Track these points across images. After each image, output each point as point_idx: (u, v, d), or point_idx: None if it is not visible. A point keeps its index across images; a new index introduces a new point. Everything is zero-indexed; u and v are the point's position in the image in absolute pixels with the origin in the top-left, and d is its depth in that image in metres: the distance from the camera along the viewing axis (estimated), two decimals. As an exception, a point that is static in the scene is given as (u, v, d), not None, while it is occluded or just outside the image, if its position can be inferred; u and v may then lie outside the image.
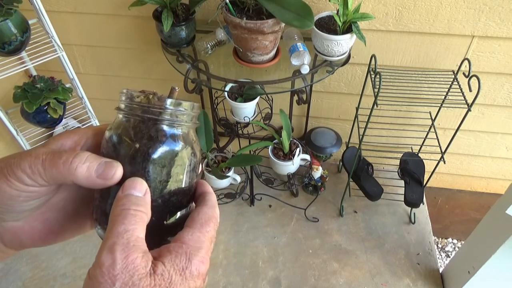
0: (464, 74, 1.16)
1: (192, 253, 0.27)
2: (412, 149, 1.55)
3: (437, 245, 1.98)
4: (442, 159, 1.27)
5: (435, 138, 1.32)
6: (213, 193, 0.34)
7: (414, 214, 1.56)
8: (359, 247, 1.47)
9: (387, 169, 1.70)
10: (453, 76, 1.21)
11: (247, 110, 1.26)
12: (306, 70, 1.10)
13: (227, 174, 1.33)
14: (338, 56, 1.14)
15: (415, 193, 1.39)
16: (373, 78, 1.13)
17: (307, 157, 1.38)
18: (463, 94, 1.13)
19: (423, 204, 1.59)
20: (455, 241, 1.99)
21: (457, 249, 1.96)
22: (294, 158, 1.29)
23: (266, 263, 1.43)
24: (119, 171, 0.29)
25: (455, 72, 1.22)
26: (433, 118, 1.38)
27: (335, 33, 1.08)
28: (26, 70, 1.48)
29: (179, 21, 1.12)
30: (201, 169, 0.35)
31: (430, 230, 1.54)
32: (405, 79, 1.18)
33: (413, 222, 1.55)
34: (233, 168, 1.34)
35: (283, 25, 1.03)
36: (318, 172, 1.57)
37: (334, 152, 1.50)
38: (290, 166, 1.32)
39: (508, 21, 1.14)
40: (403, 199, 1.39)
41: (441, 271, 1.41)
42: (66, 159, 0.28)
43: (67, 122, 1.61)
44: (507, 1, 1.10)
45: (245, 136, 1.41)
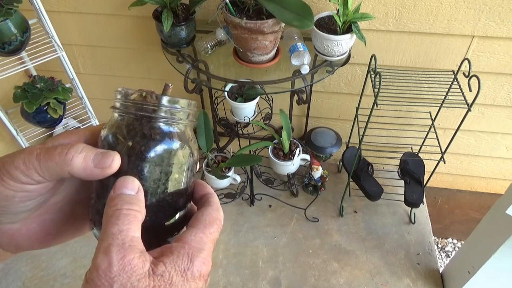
0: (464, 74, 1.16)
1: (194, 254, 0.27)
2: (412, 149, 1.55)
3: (437, 245, 1.98)
4: (442, 159, 1.27)
5: (435, 138, 1.32)
6: (215, 194, 0.34)
7: (414, 214, 1.56)
8: (359, 247, 1.47)
9: (387, 169, 1.70)
10: (453, 76, 1.21)
11: (247, 110, 1.26)
12: (306, 70, 1.10)
13: (227, 174, 1.33)
14: (338, 56, 1.14)
15: (415, 193, 1.39)
16: (373, 78, 1.13)
17: (307, 157, 1.38)
18: (463, 94, 1.13)
19: (423, 204, 1.59)
20: (455, 241, 1.99)
21: (457, 249, 1.96)
22: (294, 158, 1.29)
23: (266, 263, 1.43)
24: (117, 160, 0.29)
25: (455, 72, 1.22)
26: (433, 118, 1.38)
27: (335, 33, 1.08)
28: (26, 70, 1.48)
29: (179, 21, 1.12)
30: (198, 167, 0.34)
31: (430, 230, 1.54)
32: (405, 79, 1.18)
33: (413, 222, 1.55)
34: (233, 168, 1.34)
35: (283, 25, 1.03)
36: (318, 172, 1.57)
37: (334, 152, 1.50)
38: (290, 166, 1.32)
39: (508, 21, 1.14)
40: (403, 199, 1.39)
41: (441, 271, 1.41)
42: (61, 150, 0.28)
43: (67, 122, 1.61)
44: (507, 1, 1.10)
45: (245, 136, 1.41)
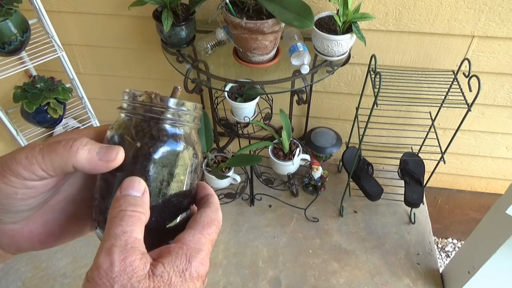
0: (464, 74, 1.16)
1: (192, 254, 0.27)
2: (412, 149, 1.55)
3: (437, 245, 1.98)
4: (442, 159, 1.27)
5: (435, 138, 1.32)
6: (215, 195, 0.34)
7: (414, 214, 1.56)
8: (359, 247, 1.47)
9: (387, 169, 1.70)
10: (453, 76, 1.21)
11: (247, 110, 1.26)
12: (306, 70, 1.10)
13: (227, 174, 1.33)
14: (338, 56, 1.14)
15: (415, 193, 1.39)
16: (373, 78, 1.13)
17: (307, 157, 1.38)
18: (463, 94, 1.13)
19: (423, 204, 1.59)
20: (455, 241, 1.99)
21: (457, 249, 1.96)
22: (294, 158, 1.29)
23: (266, 263, 1.43)
24: (121, 154, 0.29)
25: (455, 72, 1.22)
26: (433, 118, 1.38)
27: (335, 33, 1.08)
28: (26, 70, 1.48)
29: (179, 21, 1.12)
30: (200, 170, 0.35)
31: (430, 230, 1.54)
32: (405, 79, 1.18)
33: (413, 222, 1.55)
34: (233, 168, 1.34)
35: (283, 25, 1.03)
36: (318, 172, 1.57)
37: (334, 152, 1.50)
38: (290, 166, 1.32)
39: (508, 21, 1.14)
40: (403, 199, 1.39)
41: (441, 271, 1.41)
42: (66, 143, 0.28)
43: (67, 122, 1.61)
44: (507, 1, 1.10)
45: (245, 136, 1.41)
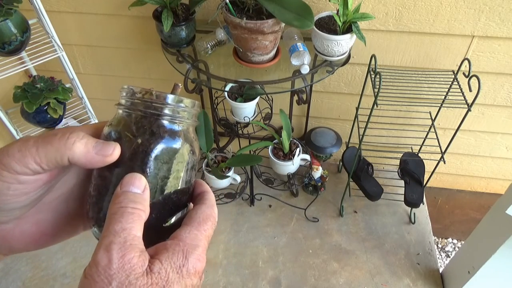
0: (464, 74, 1.16)
1: (189, 251, 0.27)
2: (412, 149, 1.55)
3: (437, 245, 1.98)
4: (442, 159, 1.27)
5: (435, 138, 1.32)
6: (211, 192, 0.34)
7: (414, 214, 1.56)
8: (359, 247, 1.47)
9: (387, 169, 1.70)
10: (453, 76, 1.21)
11: (247, 110, 1.26)
12: (306, 70, 1.10)
13: (227, 174, 1.33)
14: (338, 56, 1.14)
15: (415, 193, 1.39)
16: (373, 78, 1.13)
17: (307, 157, 1.37)
18: (463, 94, 1.13)
19: (423, 204, 1.59)
20: (455, 241, 1.99)
21: (457, 249, 1.96)
22: (294, 158, 1.29)
23: (266, 263, 1.43)
24: (118, 149, 0.29)
25: (455, 72, 1.22)
26: (433, 118, 1.38)
27: (335, 33, 1.08)
28: (26, 70, 1.48)
29: (179, 21, 1.12)
30: (197, 167, 0.35)
31: (430, 230, 1.54)
32: (405, 79, 1.18)
33: (413, 222, 1.55)
34: (233, 168, 1.34)
35: (283, 25, 1.03)
36: (318, 172, 1.57)
37: (334, 152, 1.50)
38: (290, 166, 1.32)
39: (508, 21, 1.14)
40: (403, 199, 1.39)
41: (441, 271, 1.41)
42: (62, 136, 0.28)
43: (67, 122, 1.60)
44: (507, 1, 1.10)
45: (245, 136, 1.41)
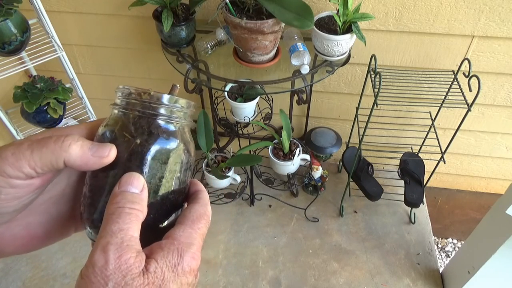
0: (464, 74, 1.16)
1: (183, 249, 0.27)
2: (412, 149, 1.55)
3: (437, 245, 1.98)
4: (442, 159, 1.27)
5: (435, 138, 1.32)
6: (205, 191, 0.34)
7: (414, 214, 1.56)
8: (359, 247, 1.47)
9: (387, 169, 1.70)
10: (453, 76, 1.21)
11: (247, 110, 1.26)
12: (306, 70, 1.10)
13: (227, 174, 1.33)
14: (338, 56, 1.14)
15: (415, 193, 1.39)
16: (373, 78, 1.13)
17: (307, 157, 1.37)
18: (463, 94, 1.13)
19: (423, 204, 1.59)
20: (455, 241, 1.99)
21: (457, 249, 1.96)
22: (294, 158, 1.29)
23: (266, 263, 1.43)
24: (114, 150, 0.29)
25: (455, 72, 1.22)
26: (433, 118, 1.38)
27: (335, 33, 1.08)
28: (26, 70, 1.48)
29: (179, 21, 1.12)
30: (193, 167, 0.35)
31: (430, 230, 1.54)
32: (405, 79, 1.18)
33: (413, 222, 1.55)
34: (233, 168, 1.34)
35: (283, 25, 1.03)
36: (318, 172, 1.57)
37: (334, 152, 1.50)
38: (290, 166, 1.32)
39: (508, 21, 1.14)
40: (403, 199, 1.39)
41: (441, 271, 1.41)
42: (57, 138, 0.27)
43: (67, 122, 1.60)
44: (507, 1, 1.10)
45: (245, 136, 1.41)
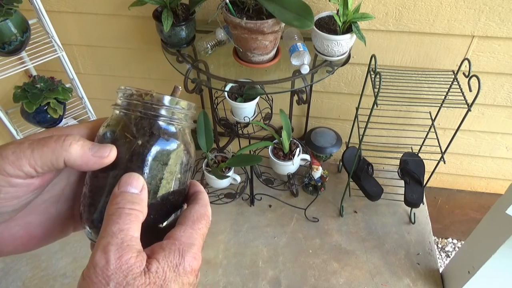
0: (464, 74, 1.16)
1: (184, 249, 0.27)
2: (412, 149, 1.55)
3: (437, 245, 1.98)
4: (442, 159, 1.27)
5: (435, 138, 1.32)
6: (205, 192, 0.34)
7: (414, 214, 1.56)
8: (359, 247, 1.47)
9: (387, 169, 1.70)
10: (453, 76, 1.21)
11: (247, 110, 1.26)
12: (306, 70, 1.10)
13: (227, 174, 1.33)
14: (338, 56, 1.14)
15: (415, 193, 1.39)
16: (373, 78, 1.13)
17: (307, 157, 1.37)
18: (463, 94, 1.13)
19: (423, 204, 1.59)
20: (455, 241, 1.99)
21: (457, 249, 1.96)
22: (294, 158, 1.29)
23: (266, 263, 1.43)
24: (114, 150, 0.29)
25: (455, 72, 1.22)
26: (433, 118, 1.38)
27: (335, 33, 1.08)
28: (26, 70, 1.48)
29: (179, 21, 1.12)
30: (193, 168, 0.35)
31: (430, 230, 1.54)
32: (405, 79, 1.18)
33: (413, 222, 1.55)
34: (233, 168, 1.34)
35: (283, 25, 1.03)
36: (318, 172, 1.57)
37: (334, 152, 1.50)
38: (290, 166, 1.32)
39: (508, 21, 1.14)
40: (403, 199, 1.39)
41: (441, 271, 1.41)
42: (58, 138, 0.28)
43: (67, 122, 1.60)
44: (507, 1, 1.10)
45: (245, 136, 1.41)
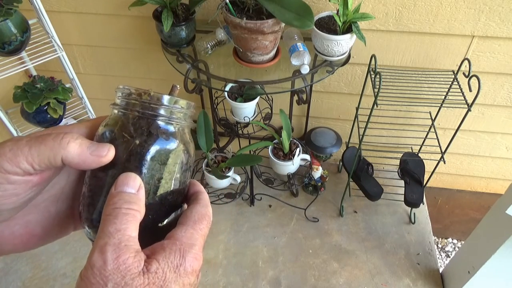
0: (464, 74, 1.16)
1: (186, 249, 0.27)
2: (412, 149, 1.55)
3: (437, 245, 1.98)
4: (442, 159, 1.27)
5: (435, 138, 1.32)
6: (205, 192, 0.34)
7: (414, 214, 1.56)
8: (359, 247, 1.47)
9: (387, 169, 1.70)
10: (453, 76, 1.21)
11: (247, 110, 1.26)
12: (306, 70, 1.10)
13: (227, 174, 1.33)
14: (338, 56, 1.14)
15: (415, 193, 1.39)
16: (373, 78, 1.13)
17: (307, 157, 1.37)
18: (463, 94, 1.13)
19: (423, 204, 1.59)
20: (455, 241, 1.99)
21: (457, 249, 1.96)
22: (294, 158, 1.29)
23: (266, 263, 1.43)
24: (112, 150, 0.29)
25: (455, 72, 1.22)
26: (433, 118, 1.38)
27: (335, 33, 1.08)
28: (26, 70, 1.48)
29: (179, 21, 1.12)
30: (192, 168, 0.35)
31: (430, 230, 1.54)
32: (405, 79, 1.18)
33: (413, 222, 1.55)
34: (233, 168, 1.34)
35: (283, 25, 1.03)
36: (318, 172, 1.57)
37: (334, 152, 1.50)
38: (290, 166, 1.32)
39: (508, 21, 1.14)
40: (403, 199, 1.39)
41: (441, 271, 1.41)
42: (56, 135, 0.27)
43: (67, 122, 1.60)
44: (507, 1, 1.10)
45: (245, 136, 1.41)
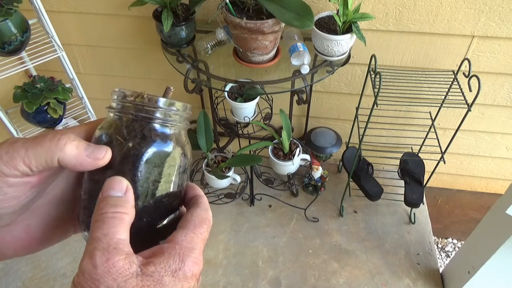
0: (464, 74, 1.16)
1: (185, 254, 0.27)
2: (412, 149, 1.55)
3: (437, 245, 1.98)
4: (442, 159, 1.27)
5: (435, 138, 1.32)
6: (205, 196, 0.34)
7: (414, 214, 1.56)
8: (359, 247, 1.47)
9: (387, 169, 1.70)
10: (453, 76, 1.21)
11: (247, 110, 1.26)
12: (306, 70, 1.10)
13: (227, 174, 1.33)
14: (338, 56, 1.14)
15: (415, 193, 1.39)
16: (373, 78, 1.13)
17: (307, 157, 1.37)
18: (463, 94, 1.13)
19: (423, 204, 1.59)
20: (455, 241, 1.99)
21: (457, 249, 1.96)
22: (294, 158, 1.29)
23: (266, 263, 1.43)
24: (109, 152, 0.29)
25: (455, 72, 1.22)
26: (433, 118, 1.38)
27: (335, 33, 1.08)
28: (26, 70, 1.48)
29: (179, 21, 1.12)
30: (189, 170, 0.35)
31: (430, 230, 1.54)
32: (405, 79, 1.18)
33: (413, 222, 1.55)
34: (233, 168, 1.34)
35: (283, 25, 1.03)
36: (318, 172, 1.57)
37: (334, 152, 1.50)
38: (290, 166, 1.32)
39: (508, 21, 1.14)
40: (403, 199, 1.39)
41: (441, 271, 1.41)
42: (53, 137, 0.27)
43: (67, 122, 1.60)
44: (507, 1, 1.10)
45: (245, 136, 1.41)
